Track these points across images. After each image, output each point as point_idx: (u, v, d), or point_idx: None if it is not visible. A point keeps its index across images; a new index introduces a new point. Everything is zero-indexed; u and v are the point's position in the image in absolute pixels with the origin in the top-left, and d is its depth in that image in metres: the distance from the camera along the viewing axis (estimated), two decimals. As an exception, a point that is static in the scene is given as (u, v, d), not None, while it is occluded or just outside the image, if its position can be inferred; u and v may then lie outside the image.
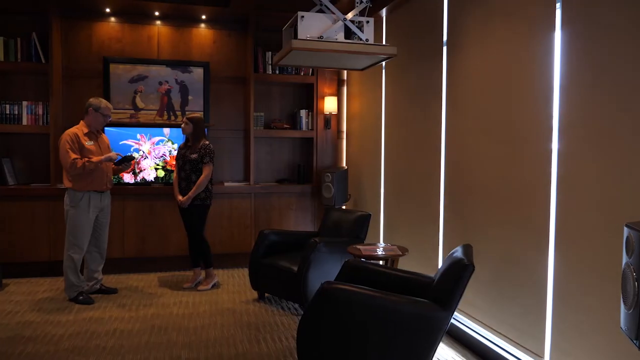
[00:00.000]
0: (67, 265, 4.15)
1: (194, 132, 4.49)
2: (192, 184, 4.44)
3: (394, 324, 2.42)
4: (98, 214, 4.26)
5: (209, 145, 4.49)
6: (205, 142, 4.51)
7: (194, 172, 4.46)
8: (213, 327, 3.69)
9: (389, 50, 3.19)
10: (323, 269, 3.83)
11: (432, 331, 2.43)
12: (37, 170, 5.15)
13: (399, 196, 4.47)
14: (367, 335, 2.46)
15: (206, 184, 4.46)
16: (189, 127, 4.48)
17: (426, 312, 2.41)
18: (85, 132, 4.17)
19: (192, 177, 4.46)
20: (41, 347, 3.30)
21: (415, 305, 2.44)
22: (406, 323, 2.42)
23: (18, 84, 5.12)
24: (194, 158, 4.45)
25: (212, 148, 4.51)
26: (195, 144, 4.49)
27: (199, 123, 4.52)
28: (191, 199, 4.43)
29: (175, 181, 4.58)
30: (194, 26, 5.51)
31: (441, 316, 2.40)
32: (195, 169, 4.45)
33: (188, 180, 4.47)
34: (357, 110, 5.45)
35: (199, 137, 4.51)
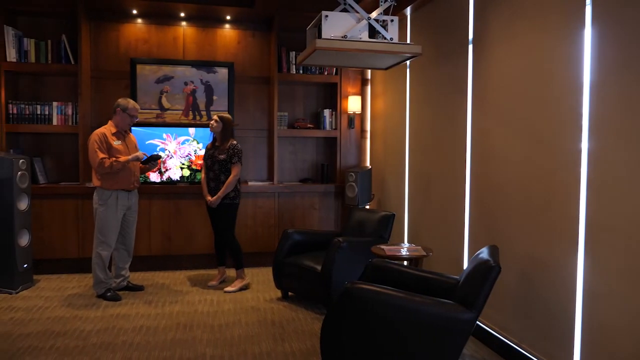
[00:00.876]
0: (96, 262, 4.24)
1: (223, 131, 4.50)
2: (221, 184, 4.46)
3: (419, 325, 2.41)
4: (125, 212, 4.33)
5: (236, 145, 4.50)
6: (233, 142, 4.51)
7: (222, 172, 4.48)
8: (237, 325, 3.72)
9: (413, 49, 3.17)
10: (346, 269, 3.83)
11: (457, 333, 2.40)
12: (67, 169, 5.27)
13: (423, 196, 4.44)
14: (391, 337, 2.44)
15: (235, 183, 4.47)
16: (219, 126, 4.49)
17: (452, 313, 2.38)
18: (113, 132, 4.25)
19: (221, 177, 4.48)
20: (70, 342, 3.38)
21: (440, 307, 2.41)
22: (431, 324, 2.39)
23: (48, 85, 5.25)
24: (223, 158, 4.46)
25: (240, 148, 4.52)
26: (223, 144, 4.51)
27: (228, 123, 4.53)
28: (220, 199, 4.45)
29: (204, 181, 4.61)
30: (219, 27, 5.56)
31: (467, 318, 2.37)
32: (224, 169, 4.47)
33: (217, 181, 4.49)
34: (381, 110, 5.42)
35: (226, 137, 4.52)
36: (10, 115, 4.95)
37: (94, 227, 4.27)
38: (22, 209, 4.45)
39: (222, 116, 4.54)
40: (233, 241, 4.58)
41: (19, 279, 4.43)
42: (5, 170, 4.34)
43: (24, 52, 4.97)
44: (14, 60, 4.91)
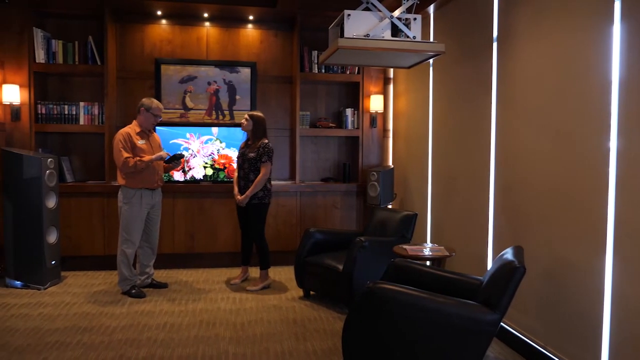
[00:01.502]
0: (121, 259, 4.31)
1: (254, 130, 4.49)
2: (250, 182, 4.44)
3: (442, 326, 2.38)
4: (149, 210, 4.40)
5: (267, 144, 4.47)
6: (264, 140, 4.48)
7: (252, 171, 4.46)
8: (259, 323, 3.75)
9: (436, 48, 3.14)
10: (368, 269, 3.81)
11: (481, 334, 2.37)
12: (93, 168, 5.37)
13: (447, 196, 4.39)
14: (414, 337, 2.43)
15: (264, 183, 4.44)
16: (249, 124, 4.49)
17: (475, 314, 2.36)
18: (138, 132, 4.32)
19: (250, 176, 4.46)
20: (96, 337, 3.45)
21: (463, 307, 2.39)
22: (454, 325, 2.37)
23: (76, 86, 5.36)
24: (252, 157, 4.45)
25: (271, 147, 4.48)
26: (255, 142, 4.49)
27: (260, 121, 4.50)
28: (249, 198, 4.45)
29: (236, 179, 4.62)
30: (242, 27, 5.60)
31: (491, 319, 2.34)
32: (254, 167, 4.45)
33: (246, 179, 4.48)
34: (404, 109, 5.39)
35: (258, 135, 4.49)
36: (39, 115, 5.07)
37: (119, 225, 4.34)
38: (50, 207, 4.56)
39: (253, 114, 4.52)
40: (262, 241, 4.56)
41: (47, 276, 4.53)
42: (35, 169, 4.45)
43: (52, 54, 5.08)
44: (42, 62, 5.03)
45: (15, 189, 4.48)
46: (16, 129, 4.97)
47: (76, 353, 3.19)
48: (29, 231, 4.48)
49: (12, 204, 4.50)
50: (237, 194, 4.54)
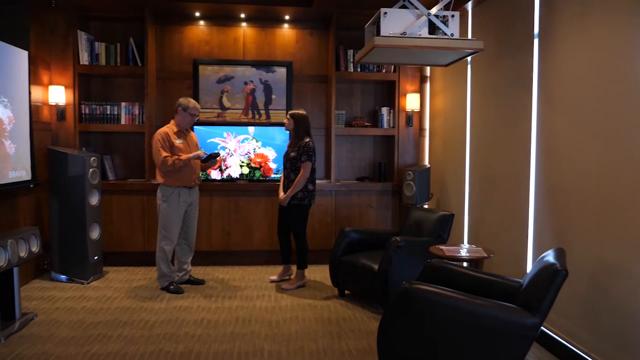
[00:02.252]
0: (159, 256, 4.41)
1: (295, 128, 4.47)
2: (291, 182, 4.43)
3: (479, 328, 2.34)
4: (187, 208, 4.48)
5: (308, 143, 4.42)
6: (306, 139, 4.44)
7: (292, 170, 4.45)
8: (294, 321, 3.77)
9: (475, 45, 3.08)
10: (404, 269, 3.78)
11: (520, 338, 2.31)
12: (133, 167, 5.52)
13: (485, 196, 4.31)
14: (450, 340, 2.39)
15: (304, 183, 4.41)
16: (290, 124, 4.48)
17: (514, 317, 2.30)
18: (175, 131, 4.40)
19: (291, 176, 4.45)
20: (136, 331, 3.54)
21: (502, 310, 2.33)
22: (492, 328, 2.32)
23: (117, 86, 5.52)
24: (293, 156, 4.44)
25: (311, 146, 4.43)
26: (297, 141, 4.49)
27: (300, 120, 4.48)
28: (289, 198, 4.44)
29: (282, 178, 4.63)
30: (278, 26, 5.64)
31: (531, 323, 2.28)
32: (294, 167, 4.44)
33: (288, 179, 4.48)
34: (441, 108, 5.31)
35: (300, 134, 4.47)
36: (83, 115, 5.23)
37: (158, 223, 4.44)
38: (93, 204, 4.71)
39: (293, 113, 4.51)
40: (302, 241, 4.54)
41: (90, 270, 4.68)
42: (79, 167, 4.60)
43: (95, 56, 5.24)
44: (86, 63, 5.19)
45: (60, 187, 4.65)
46: (61, 128, 5.15)
47: (117, 346, 3.29)
48: (73, 227, 4.63)
49: (57, 201, 4.67)
50: (280, 193, 4.57)
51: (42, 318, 3.77)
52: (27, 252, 3.72)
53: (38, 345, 3.29)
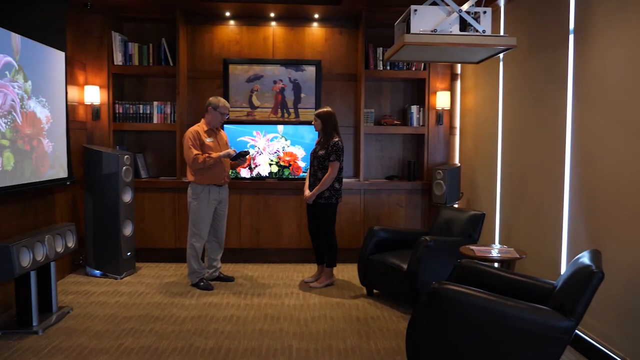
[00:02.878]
0: (190, 253, 4.48)
1: (323, 127, 4.47)
2: (318, 180, 4.43)
3: (511, 331, 2.29)
4: (217, 206, 4.53)
5: (337, 143, 4.41)
6: (335, 138, 4.43)
7: (320, 169, 4.45)
8: (323, 320, 3.77)
9: (507, 41, 3.02)
10: (433, 269, 3.74)
11: (554, 341, 2.26)
12: (165, 165, 5.62)
13: (517, 195, 4.22)
14: (481, 341, 2.35)
15: (330, 182, 4.39)
16: (318, 124, 4.48)
17: (548, 320, 2.25)
18: (206, 130, 4.46)
19: (318, 174, 4.45)
20: (167, 326, 3.61)
21: (535, 312, 2.28)
22: (524, 331, 2.27)
23: (150, 86, 5.63)
24: (321, 155, 4.44)
25: (340, 145, 4.42)
26: (325, 140, 4.48)
27: (327, 118, 4.47)
28: (315, 196, 4.44)
29: (307, 176, 4.65)
30: (307, 25, 5.64)
31: (564, 326, 2.22)
32: (322, 165, 4.44)
33: (315, 177, 4.48)
34: (472, 105, 5.23)
35: (328, 133, 4.46)
36: (116, 115, 5.36)
37: (189, 220, 4.51)
38: (126, 201, 4.81)
39: (319, 112, 4.51)
40: (331, 240, 4.53)
41: (123, 266, 4.79)
42: (113, 165, 4.71)
43: (128, 56, 5.35)
44: (120, 64, 5.31)
45: (95, 184, 4.77)
46: (96, 127, 5.28)
47: (149, 340, 3.35)
48: (107, 224, 4.75)
49: (92, 198, 4.79)
50: (305, 191, 4.57)
51: (77, 312, 3.88)
52: (63, 248, 3.84)
53: (73, 338, 3.38)
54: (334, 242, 4.55)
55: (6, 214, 3.82)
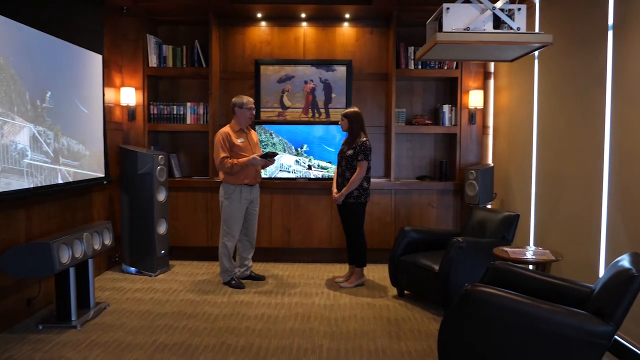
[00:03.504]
0: (222, 251, 4.54)
1: (350, 127, 4.46)
2: (346, 180, 4.42)
3: (547, 335, 2.24)
4: (248, 205, 4.58)
5: (365, 142, 4.40)
6: (362, 138, 4.42)
7: (348, 169, 4.44)
8: (353, 320, 3.77)
9: (543, 39, 2.96)
10: (466, 270, 3.69)
11: (591, 347, 2.20)
12: (198, 164, 5.72)
13: (553, 196, 4.13)
14: (515, 346, 2.31)
15: (359, 182, 4.38)
16: (345, 123, 4.47)
17: (585, 325, 2.19)
18: (236, 130, 4.52)
19: (347, 174, 4.44)
20: (200, 323, 3.66)
21: (572, 316, 2.23)
22: (561, 335, 2.22)
23: (183, 87, 5.73)
24: (349, 155, 4.43)
25: (368, 145, 4.41)
26: (353, 140, 4.48)
27: (354, 118, 4.45)
28: (344, 196, 4.44)
29: (335, 176, 4.64)
30: (338, 25, 5.65)
31: (603, 331, 2.16)
32: (350, 165, 4.43)
33: (343, 177, 4.46)
34: (506, 104, 5.13)
35: (355, 133, 4.45)
36: (151, 115, 5.47)
37: (220, 219, 4.57)
38: (160, 200, 4.91)
39: (347, 112, 4.50)
40: (360, 239, 4.52)
41: (157, 264, 4.90)
42: (147, 165, 4.82)
43: (163, 58, 5.46)
44: (154, 66, 5.42)
45: (130, 183, 4.89)
46: (132, 128, 5.41)
47: (182, 337, 3.42)
48: (141, 222, 4.86)
49: (127, 196, 4.91)
50: (333, 191, 4.58)
51: (114, 307, 3.98)
52: (100, 245, 3.94)
53: (110, 333, 3.48)
54: (363, 241, 4.54)
55: (46, 212, 3.95)
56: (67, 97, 4.10)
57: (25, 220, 3.70)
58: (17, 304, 3.64)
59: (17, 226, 3.62)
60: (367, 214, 5.27)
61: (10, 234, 3.53)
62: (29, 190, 3.57)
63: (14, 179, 3.42)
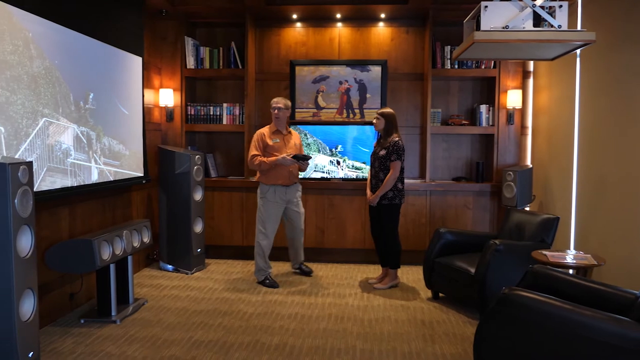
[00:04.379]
0: (256, 250, 4.59)
1: (385, 127, 4.44)
2: (380, 181, 4.40)
3: (588, 342, 2.17)
4: (286, 206, 4.62)
5: (398, 142, 4.37)
6: (395, 137, 4.40)
7: (382, 169, 4.42)
8: (387, 322, 3.74)
9: (585, 37, 2.86)
10: (503, 274, 3.61)
11: (635, 355, 2.12)
12: (234, 165, 5.80)
13: (596, 199, 4.00)
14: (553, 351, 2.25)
15: (393, 182, 4.35)
16: (381, 122, 4.45)
17: (629, 332, 2.11)
18: (273, 131, 4.60)
19: (380, 175, 4.42)
20: (235, 321, 3.71)
21: (615, 323, 2.15)
22: (603, 343, 2.14)
23: (220, 88, 5.82)
24: (382, 155, 4.42)
25: (401, 145, 4.39)
26: (386, 140, 4.46)
27: (390, 118, 4.44)
28: (378, 198, 4.42)
29: (368, 177, 4.63)
30: (373, 25, 5.62)
31: (648, 339, 2.08)
32: (383, 166, 4.40)
33: (377, 178, 4.45)
34: (545, 104, 5.00)
35: (389, 132, 4.44)
36: (188, 116, 5.58)
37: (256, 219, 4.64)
38: (197, 199, 5.00)
39: (383, 112, 4.48)
40: (394, 241, 4.48)
41: (193, 262, 4.99)
42: (185, 164, 4.91)
43: (200, 60, 5.56)
44: (192, 67, 5.53)
45: (168, 183, 5.00)
46: (170, 128, 5.53)
47: (218, 334, 3.47)
48: (179, 221, 4.96)
49: (165, 196, 5.02)
50: (368, 193, 4.57)
51: (152, 304, 4.08)
52: (139, 243, 4.05)
53: (148, 329, 3.56)
54: (397, 243, 4.50)
55: (88, 210, 4.09)
56: (109, 99, 4.23)
57: (69, 218, 3.84)
58: (60, 298, 3.78)
59: (61, 223, 3.75)
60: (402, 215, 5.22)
61: (55, 231, 3.67)
62: (72, 188, 3.70)
63: (58, 177, 3.55)
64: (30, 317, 2.70)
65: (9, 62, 3.06)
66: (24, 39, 3.19)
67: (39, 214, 3.31)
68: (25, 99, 3.20)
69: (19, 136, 3.15)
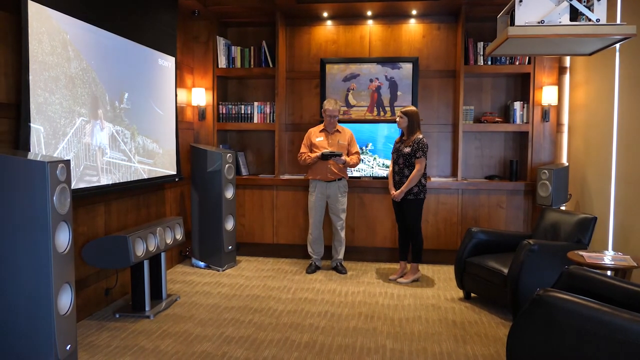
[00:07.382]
0: (307, 238, 5.07)
1: (409, 125, 4.53)
2: (405, 178, 4.51)
3: (626, 347, 2.10)
4: (327, 200, 4.93)
5: (422, 140, 4.48)
6: (419, 135, 4.51)
7: (406, 166, 4.51)
8: (417, 321, 3.71)
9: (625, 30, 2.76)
10: (537, 275, 3.53)
11: (677, 360, 2.04)
12: (264, 163, 5.84)
13: (635, 198, 3.86)
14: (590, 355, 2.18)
15: (418, 178, 4.47)
16: (404, 121, 4.53)
17: (670, 337, 2.03)
18: (321, 130, 4.93)
19: (405, 172, 4.52)
20: (265, 319, 3.74)
21: (655, 328, 2.08)
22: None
23: (251, 87, 5.87)
24: (407, 152, 4.50)
25: (425, 142, 4.50)
26: (410, 137, 4.53)
27: (414, 116, 4.53)
28: (404, 193, 4.49)
29: (390, 174, 4.69)
30: (404, 22, 5.57)
31: (691, 344, 2.00)
32: (408, 163, 4.50)
33: (401, 175, 4.55)
34: (583, 101, 4.86)
35: (413, 130, 4.53)
36: (220, 115, 5.65)
37: None
38: (228, 197, 5.06)
39: (407, 110, 4.55)
40: (418, 236, 4.59)
41: (225, 259, 5.05)
42: (217, 163, 4.98)
43: (231, 59, 5.62)
44: (223, 67, 5.59)
45: (200, 181, 5.07)
46: (202, 127, 5.61)
47: (248, 331, 3.51)
48: (210, 218, 5.03)
49: (197, 193, 5.10)
50: (391, 189, 4.61)
51: (184, 300, 4.15)
52: (172, 240, 4.12)
53: (180, 324, 3.63)
54: (421, 237, 4.61)
55: (124, 207, 4.19)
56: (143, 99, 4.32)
57: (104, 215, 3.94)
58: (96, 293, 3.88)
59: (97, 220, 3.86)
60: (433, 214, 5.21)
61: (91, 228, 3.77)
62: (107, 186, 3.80)
63: (94, 175, 3.64)
64: (68, 311, 2.79)
65: (48, 63, 3.16)
66: (62, 41, 3.28)
67: (76, 211, 3.41)
68: (63, 99, 3.30)
69: (57, 135, 3.25)
